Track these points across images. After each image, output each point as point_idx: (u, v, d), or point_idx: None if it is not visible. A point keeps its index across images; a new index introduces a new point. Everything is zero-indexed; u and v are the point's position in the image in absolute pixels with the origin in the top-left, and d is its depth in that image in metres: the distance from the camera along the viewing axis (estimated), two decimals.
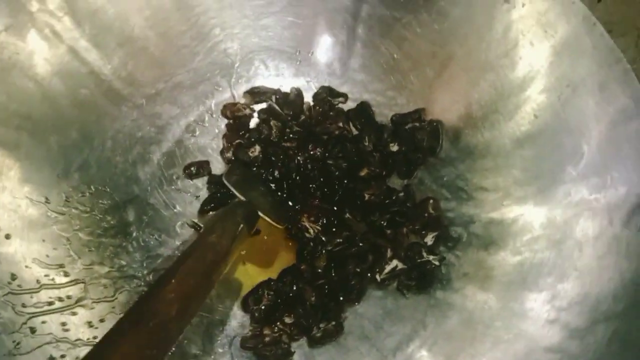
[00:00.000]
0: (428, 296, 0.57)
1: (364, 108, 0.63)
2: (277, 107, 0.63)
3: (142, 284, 0.56)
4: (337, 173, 0.60)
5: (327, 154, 0.61)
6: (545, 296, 0.48)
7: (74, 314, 0.50)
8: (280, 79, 0.64)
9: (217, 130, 0.63)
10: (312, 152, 0.60)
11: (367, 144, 0.61)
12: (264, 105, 0.65)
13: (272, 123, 0.61)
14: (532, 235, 0.52)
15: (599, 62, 0.46)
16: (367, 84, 0.63)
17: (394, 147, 0.62)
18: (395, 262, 0.58)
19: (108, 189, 0.57)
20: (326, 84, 0.65)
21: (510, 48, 0.52)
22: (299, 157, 0.61)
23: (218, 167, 0.63)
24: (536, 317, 0.48)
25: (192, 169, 0.61)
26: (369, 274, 0.58)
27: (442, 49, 0.58)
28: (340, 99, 0.64)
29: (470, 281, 0.55)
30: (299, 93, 0.64)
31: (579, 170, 0.48)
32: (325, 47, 0.63)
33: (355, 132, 0.64)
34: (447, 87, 0.59)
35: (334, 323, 0.56)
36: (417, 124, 0.61)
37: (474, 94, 0.57)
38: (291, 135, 0.62)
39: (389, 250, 0.58)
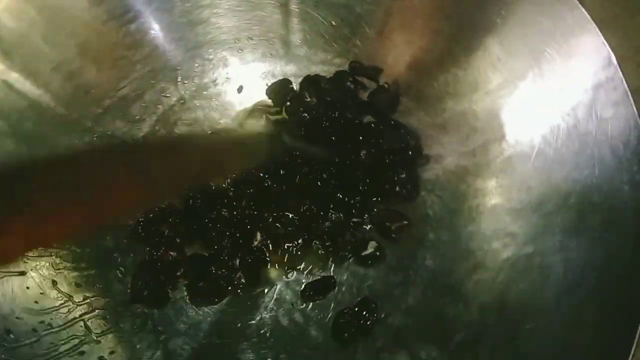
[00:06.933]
0: (421, 239, 0.57)
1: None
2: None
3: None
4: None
5: None
6: (533, 206, 0.50)
7: (82, 353, 0.48)
8: (227, 69, 0.63)
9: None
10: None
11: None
12: None
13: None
14: (504, 156, 0.54)
15: None
16: (312, 57, 0.63)
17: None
18: None
19: None
20: (270, 67, 0.65)
21: None
22: None
23: None
24: (530, 228, 0.50)
25: None
26: None
27: (377, 7, 0.59)
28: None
29: (458, 215, 0.56)
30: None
31: (537, 87, 0.51)
32: (263, 30, 0.63)
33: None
34: (392, 42, 0.61)
35: None
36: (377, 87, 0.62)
37: (418, 43, 0.59)
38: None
39: None
